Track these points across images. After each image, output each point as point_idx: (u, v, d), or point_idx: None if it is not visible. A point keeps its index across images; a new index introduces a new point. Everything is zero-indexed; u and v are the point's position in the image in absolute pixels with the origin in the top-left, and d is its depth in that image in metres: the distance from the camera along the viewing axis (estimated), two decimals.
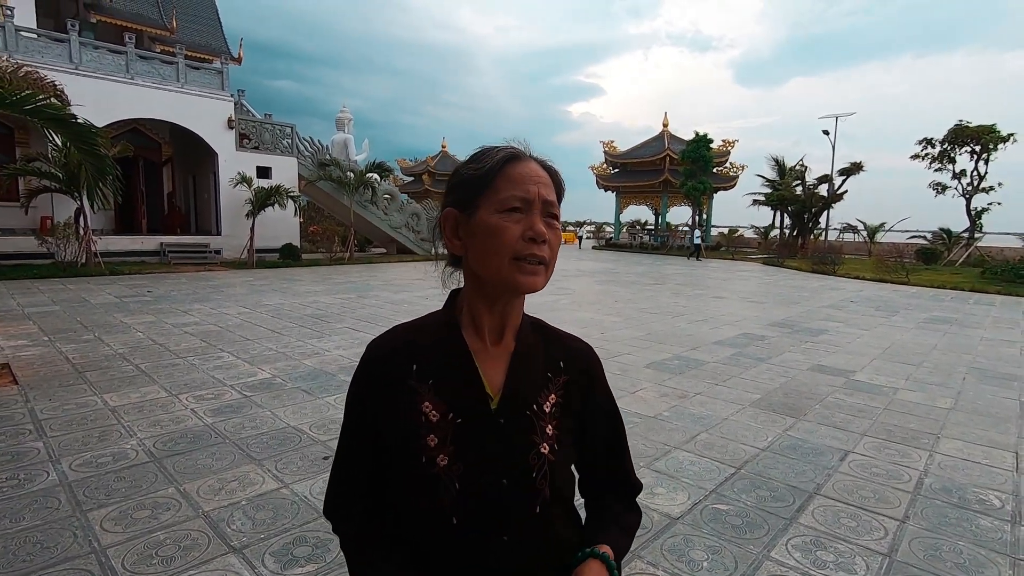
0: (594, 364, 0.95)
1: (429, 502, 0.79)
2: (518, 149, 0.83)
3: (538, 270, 0.78)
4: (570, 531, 0.89)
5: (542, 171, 0.81)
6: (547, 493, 0.82)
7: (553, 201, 0.80)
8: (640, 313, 9.50)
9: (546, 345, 0.91)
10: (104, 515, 2.65)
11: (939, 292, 14.48)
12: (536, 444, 0.82)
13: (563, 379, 0.89)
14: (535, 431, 0.82)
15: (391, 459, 0.83)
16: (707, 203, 30.42)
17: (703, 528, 2.72)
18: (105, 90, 14.70)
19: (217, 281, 12.45)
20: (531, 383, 0.85)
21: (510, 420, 0.82)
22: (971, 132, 23.63)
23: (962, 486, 3.26)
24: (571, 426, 0.88)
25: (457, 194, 0.83)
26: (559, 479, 0.84)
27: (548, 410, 0.85)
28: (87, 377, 4.88)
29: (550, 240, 0.79)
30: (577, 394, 0.90)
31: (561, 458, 0.85)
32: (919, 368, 6.12)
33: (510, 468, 0.80)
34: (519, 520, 0.81)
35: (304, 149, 19.68)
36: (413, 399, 0.81)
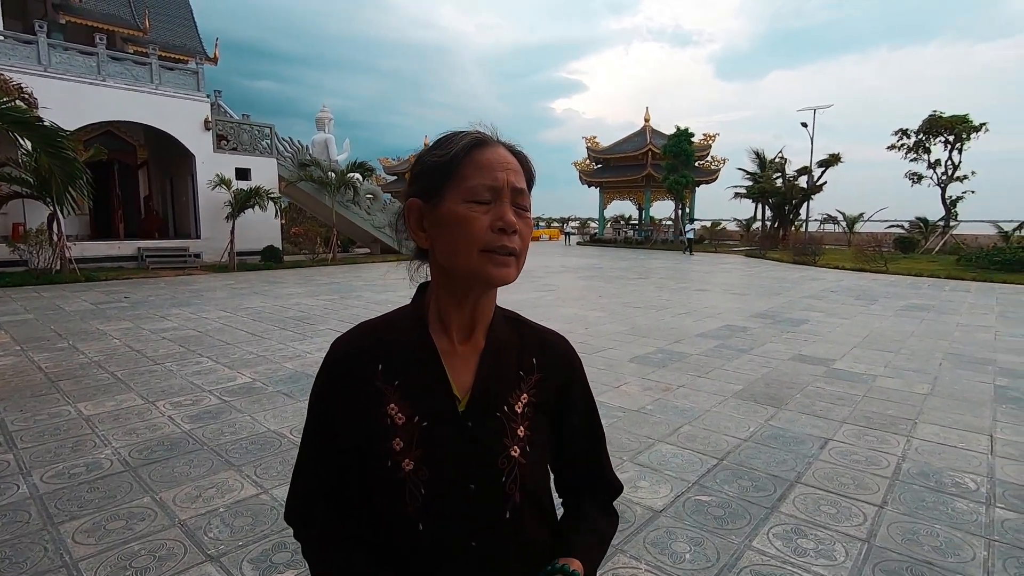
0: (571, 360, 0.91)
1: (394, 507, 0.77)
2: (484, 133, 0.78)
3: (509, 261, 0.74)
4: (544, 534, 0.86)
5: (511, 157, 0.77)
6: (517, 497, 0.79)
7: (523, 189, 0.76)
8: (624, 308, 9.53)
9: (520, 341, 0.87)
10: (76, 527, 2.59)
11: (916, 280, 14.74)
12: (506, 447, 0.79)
13: (536, 377, 0.85)
14: (505, 433, 0.79)
15: (356, 462, 0.80)
16: (689, 197, 30.62)
17: (685, 520, 2.73)
18: (76, 92, 14.37)
19: (197, 285, 12.25)
20: (502, 383, 0.82)
21: (479, 422, 0.78)
22: (945, 122, 24.08)
23: (939, 470, 3.32)
24: (546, 425, 0.85)
25: (421, 183, 0.79)
26: (531, 482, 0.81)
27: (520, 411, 0.81)
28: (60, 386, 4.76)
29: (521, 230, 0.75)
30: (552, 392, 0.86)
31: (533, 460, 0.82)
32: (897, 355, 6.22)
33: (478, 472, 0.77)
34: (488, 526, 0.78)
35: (284, 150, 19.43)
36: (379, 400, 0.78)
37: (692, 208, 31.94)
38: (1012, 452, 3.60)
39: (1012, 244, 18.51)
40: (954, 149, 24.60)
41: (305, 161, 19.37)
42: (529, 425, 0.82)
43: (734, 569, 2.33)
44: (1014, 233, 20.96)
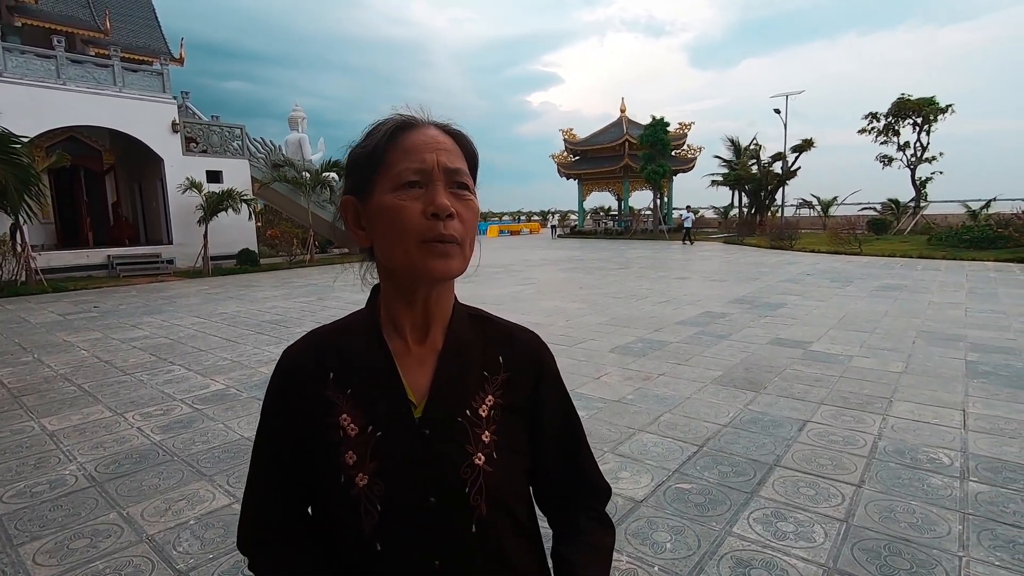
0: (542, 356, 0.83)
1: (349, 527, 0.70)
2: (409, 115, 0.72)
3: (449, 251, 0.67)
4: (520, 550, 0.78)
5: (443, 136, 0.71)
6: (484, 509, 0.71)
7: (459, 169, 0.70)
8: (604, 298, 9.54)
9: (484, 339, 0.80)
10: (38, 548, 2.48)
11: (890, 260, 15.03)
12: (469, 455, 0.72)
13: (503, 376, 0.78)
14: (468, 440, 0.72)
15: (310, 479, 0.74)
16: (667, 186, 30.82)
17: (666, 509, 2.71)
18: (35, 97, 13.88)
19: (170, 292, 11.97)
20: (463, 386, 0.75)
21: (437, 430, 0.72)
22: (912, 105, 24.53)
23: (914, 447, 3.36)
24: (517, 429, 0.78)
25: (352, 178, 0.73)
26: (501, 492, 0.74)
27: (485, 414, 0.75)
28: (23, 402, 4.59)
29: (460, 214, 0.68)
30: (522, 392, 0.79)
31: (503, 468, 0.74)
32: (872, 335, 6.31)
33: (439, 484, 0.70)
34: (453, 543, 0.71)
35: (256, 150, 19.07)
36: (330, 411, 0.72)
37: (670, 197, 32.16)
38: (984, 425, 3.66)
39: (980, 222, 18.97)
40: (922, 131, 25.08)
41: (278, 161, 19.04)
42: (496, 429, 0.75)
43: (715, 556, 2.32)
44: (981, 212, 21.48)
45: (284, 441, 0.75)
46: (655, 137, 26.80)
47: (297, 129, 25.29)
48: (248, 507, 0.77)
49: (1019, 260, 13.64)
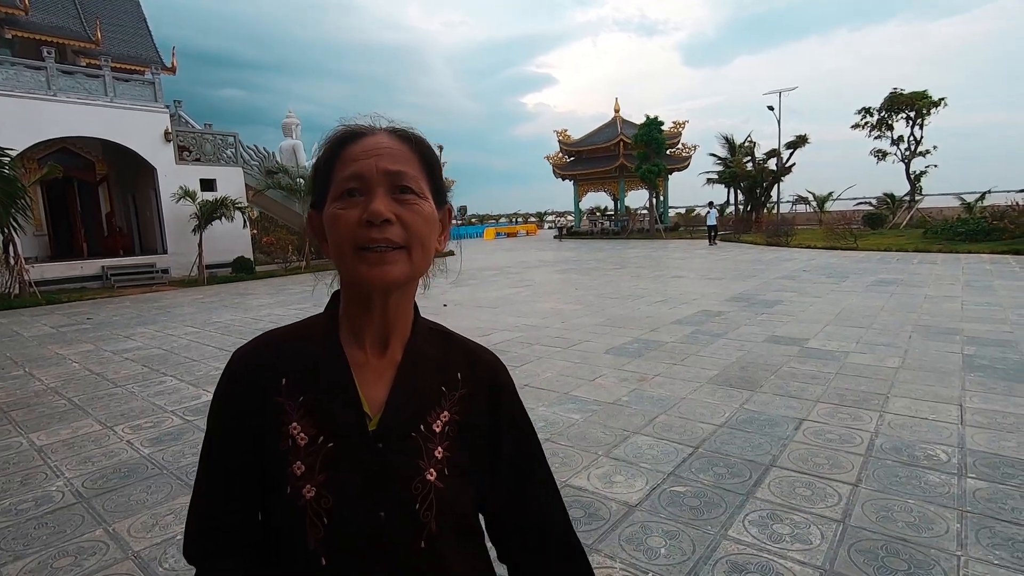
0: (501, 376, 0.81)
1: (294, 540, 0.68)
2: (357, 125, 0.71)
3: (388, 257, 0.65)
4: (468, 567, 0.76)
5: (390, 141, 0.69)
6: (434, 526, 0.70)
7: (402, 172, 0.67)
8: (600, 299, 9.51)
9: (444, 355, 0.78)
10: (20, 568, 2.43)
11: (885, 255, 15.02)
12: (421, 470, 0.70)
13: (461, 393, 0.76)
14: (421, 456, 0.70)
15: (257, 489, 0.72)
16: (662, 185, 30.82)
17: (661, 513, 2.67)
18: (26, 109, 13.81)
19: (164, 302, 11.91)
20: (420, 399, 0.73)
21: (390, 443, 0.70)
22: (905, 99, 24.57)
23: (911, 443, 3.32)
24: (471, 447, 0.75)
25: (313, 192, 0.73)
26: (451, 508, 0.72)
27: (439, 430, 0.73)
28: (12, 416, 4.54)
29: (403, 219, 0.66)
30: (479, 410, 0.77)
31: (453, 484, 0.72)
32: (868, 330, 6.28)
33: (389, 499, 0.69)
34: (402, 559, 0.69)
35: (250, 158, 19.03)
36: (280, 419, 0.70)
37: (666, 196, 32.16)
38: (981, 420, 3.63)
39: (975, 215, 18.99)
40: (915, 125, 25.13)
41: (272, 168, 18.99)
42: (449, 446, 0.73)
43: (709, 561, 2.28)
44: (976, 204, 21.51)
45: (232, 447, 0.72)
46: (650, 136, 26.80)
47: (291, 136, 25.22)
48: (193, 515, 0.74)
49: (1015, 252, 13.64)
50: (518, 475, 0.80)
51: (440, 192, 0.74)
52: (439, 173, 0.74)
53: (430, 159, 0.72)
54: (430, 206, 0.69)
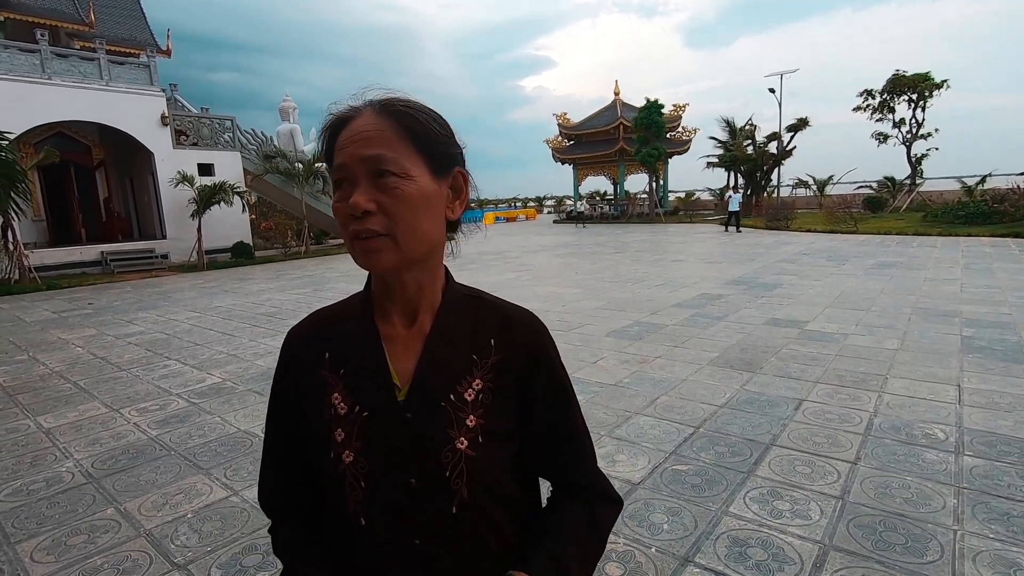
0: (539, 339, 0.80)
1: (338, 501, 0.74)
2: (344, 110, 0.71)
3: (374, 245, 0.66)
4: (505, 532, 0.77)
5: (369, 123, 0.67)
6: (465, 493, 0.71)
7: (379, 155, 0.65)
8: (600, 283, 9.53)
9: (476, 322, 0.78)
10: (35, 545, 2.48)
11: (885, 238, 15.02)
12: (451, 439, 0.72)
13: (494, 359, 0.76)
14: (451, 424, 0.72)
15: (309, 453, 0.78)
16: (662, 169, 30.66)
17: (663, 490, 2.72)
18: (20, 93, 13.66)
19: (165, 287, 11.91)
20: (448, 370, 0.75)
21: (419, 413, 0.72)
22: (907, 81, 24.39)
23: (909, 423, 3.37)
24: (506, 412, 0.76)
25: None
26: (484, 476, 0.73)
27: (471, 398, 0.74)
28: (19, 400, 4.58)
29: (384, 206, 0.65)
30: (514, 375, 0.77)
31: (486, 452, 0.73)
32: (868, 313, 6.32)
33: (419, 466, 0.71)
34: (432, 524, 0.72)
35: (247, 142, 18.87)
36: (323, 390, 0.76)
37: (666, 180, 32.00)
38: (979, 400, 3.67)
39: (975, 198, 18.95)
40: (917, 107, 24.98)
41: (270, 153, 18.86)
42: (484, 414, 0.74)
43: (711, 536, 2.33)
44: (976, 187, 21.46)
45: (287, 415, 0.80)
46: (650, 120, 26.60)
47: (288, 120, 24.99)
48: (262, 474, 0.85)
49: (1015, 235, 13.65)
50: (557, 445, 0.81)
51: (439, 159, 0.70)
52: (435, 141, 0.70)
53: (418, 129, 0.69)
54: (417, 184, 0.67)
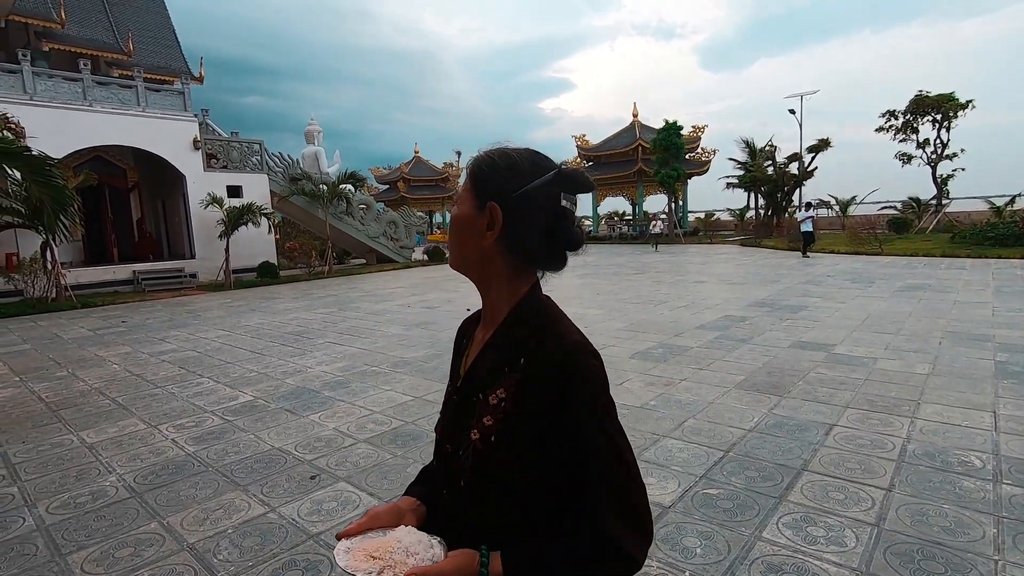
0: (563, 375, 0.81)
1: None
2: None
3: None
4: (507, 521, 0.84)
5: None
6: (469, 475, 0.86)
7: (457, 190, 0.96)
8: (622, 304, 9.54)
9: (517, 340, 0.86)
10: (85, 557, 2.57)
11: (912, 260, 14.78)
12: (469, 428, 0.87)
13: (517, 377, 0.83)
14: (473, 416, 0.87)
15: None
16: (681, 190, 30.68)
17: (694, 514, 2.72)
18: (63, 119, 14.32)
19: (194, 305, 12.22)
20: (486, 373, 0.89)
21: (460, 399, 0.93)
22: (931, 101, 24.19)
23: (944, 449, 3.32)
24: (525, 430, 0.82)
25: None
26: (490, 469, 0.84)
27: (493, 403, 0.85)
28: (62, 415, 4.75)
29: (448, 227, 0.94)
30: (536, 401, 0.82)
31: (495, 452, 0.83)
32: (896, 336, 6.23)
33: (451, 438, 0.92)
34: (451, 485, 0.91)
35: (274, 165, 19.40)
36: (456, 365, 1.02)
37: (685, 200, 31.95)
38: (1016, 427, 3.61)
39: (1005, 219, 18.58)
40: (942, 127, 24.72)
41: (296, 175, 19.34)
42: (502, 419, 0.83)
43: (745, 561, 2.33)
44: (1006, 208, 21.04)
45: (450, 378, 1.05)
46: (668, 141, 26.73)
47: (313, 142, 25.69)
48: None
49: None
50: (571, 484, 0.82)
51: (482, 194, 0.87)
52: (483, 179, 0.88)
53: (474, 169, 0.90)
54: (457, 211, 0.91)
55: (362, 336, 7.73)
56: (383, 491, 3.13)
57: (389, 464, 3.50)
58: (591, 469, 0.81)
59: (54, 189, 5.00)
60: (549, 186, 0.85)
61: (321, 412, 4.54)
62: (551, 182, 0.85)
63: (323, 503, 3.01)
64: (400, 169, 39.90)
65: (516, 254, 0.87)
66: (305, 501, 3.04)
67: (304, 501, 3.04)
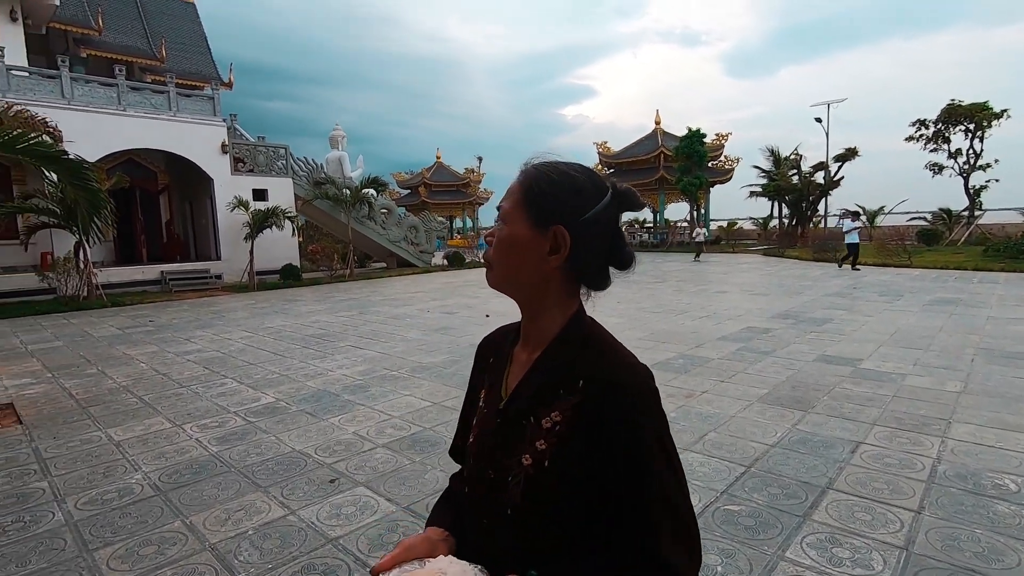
0: (630, 396, 0.79)
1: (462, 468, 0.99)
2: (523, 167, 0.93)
3: (487, 268, 0.91)
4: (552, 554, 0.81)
5: (514, 180, 0.89)
6: (518, 500, 0.82)
7: (502, 206, 0.88)
8: (642, 313, 9.46)
9: (576, 361, 0.83)
10: (110, 553, 2.63)
11: (942, 273, 14.40)
12: (519, 453, 0.83)
13: (575, 400, 0.81)
14: (523, 440, 0.84)
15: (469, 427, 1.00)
16: (704, 198, 30.41)
17: (715, 531, 2.68)
18: (99, 123, 14.78)
19: (219, 306, 12.46)
20: (537, 395, 0.85)
21: (506, 422, 0.87)
22: (964, 110, 23.60)
23: (976, 471, 3.22)
24: (577, 452, 0.80)
25: None
26: (542, 496, 0.80)
27: (547, 426, 0.82)
28: (91, 412, 4.87)
29: (492, 242, 0.88)
30: (596, 423, 0.80)
31: (548, 478, 0.80)
32: (926, 352, 6.07)
33: (495, 463, 0.87)
34: (495, 512, 0.86)
35: (299, 169, 19.74)
36: (482, 385, 0.99)
37: (707, 209, 31.63)
38: None
39: None
40: (975, 137, 24.08)
41: (320, 179, 19.64)
42: (556, 444, 0.80)
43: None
44: None
45: (468, 396, 1.05)
46: (691, 149, 26.54)
47: (338, 147, 26.04)
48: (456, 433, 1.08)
49: None
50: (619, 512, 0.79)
51: (540, 214, 0.82)
52: (542, 198, 0.83)
53: (530, 187, 0.85)
54: (509, 230, 0.85)
55: (382, 340, 7.79)
56: (400, 497, 3.14)
57: (407, 470, 3.51)
58: (649, 490, 0.78)
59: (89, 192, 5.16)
60: (609, 208, 0.84)
61: (341, 415, 4.58)
62: (610, 204, 0.84)
63: (342, 507, 3.04)
64: (422, 174, 40.29)
65: (575, 277, 0.86)
66: (324, 505, 3.07)
67: (323, 505, 3.07)
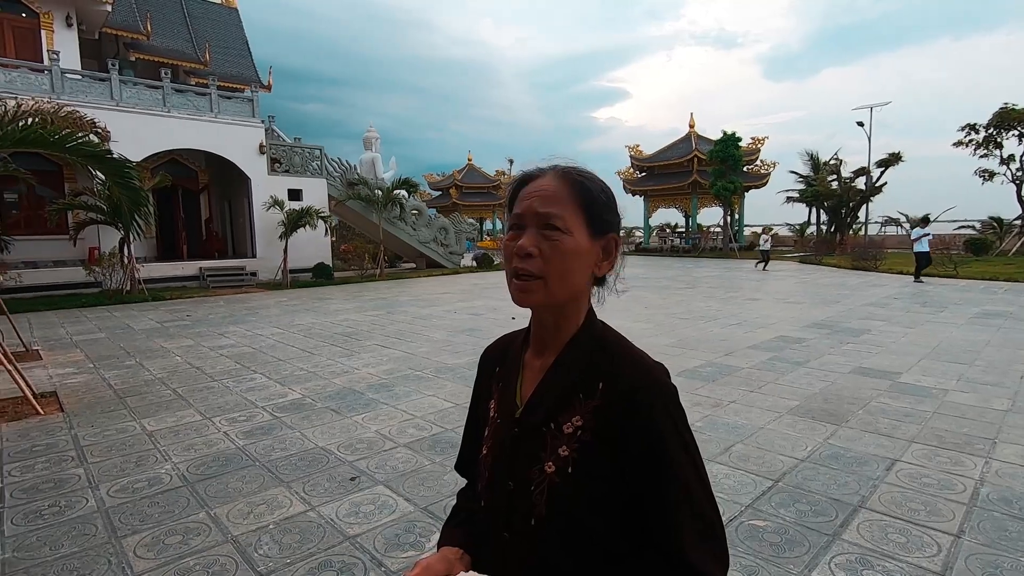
0: (644, 398, 0.79)
1: (476, 482, 0.96)
2: (533, 169, 0.87)
3: (526, 286, 0.79)
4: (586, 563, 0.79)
5: (547, 184, 0.82)
6: (543, 511, 0.80)
7: (550, 212, 0.79)
8: (671, 319, 9.30)
9: (593, 364, 0.83)
10: (138, 541, 2.71)
11: (991, 284, 13.74)
12: (541, 461, 0.81)
13: (596, 403, 0.80)
14: (544, 448, 0.82)
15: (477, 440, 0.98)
16: (738, 203, 29.77)
17: (739, 547, 2.59)
18: (144, 124, 15.36)
19: (253, 303, 12.78)
20: (555, 400, 0.83)
21: (524, 431, 0.85)
22: (1017, 115, 22.53)
23: (1022, 495, 3.04)
24: (601, 456, 0.78)
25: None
26: (567, 504, 0.78)
27: (568, 431, 0.80)
28: (127, 402, 5.04)
29: (544, 252, 0.79)
30: (613, 424, 0.79)
31: (573, 486, 0.78)
32: (971, 367, 5.78)
33: (515, 474, 0.84)
34: (517, 525, 0.83)
35: (333, 170, 20.13)
36: (489, 396, 0.96)
37: (741, 214, 30.96)
38: None
39: None
40: None
41: (353, 180, 19.98)
42: (578, 449, 0.79)
43: None
44: None
45: (474, 408, 1.03)
46: (726, 153, 26.01)
47: (371, 149, 26.49)
48: (461, 446, 1.07)
49: None
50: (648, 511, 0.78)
51: (598, 223, 0.83)
52: (599, 207, 0.83)
53: (585, 195, 0.82)
54: (574, 240, 0.80)
55: (408, 340, 7.86)
56: (419, 497, 3.15)
57: (427, 471, 3.52)
58: (675, 492, 0.77)
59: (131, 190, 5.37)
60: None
61: (364, 414, 4.63)
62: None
63: (361, 505, 3.06)
64: (453, 176, 40.62)
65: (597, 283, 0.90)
66: (344, 502, 3.09)
67: (343, 502, 3.09)
